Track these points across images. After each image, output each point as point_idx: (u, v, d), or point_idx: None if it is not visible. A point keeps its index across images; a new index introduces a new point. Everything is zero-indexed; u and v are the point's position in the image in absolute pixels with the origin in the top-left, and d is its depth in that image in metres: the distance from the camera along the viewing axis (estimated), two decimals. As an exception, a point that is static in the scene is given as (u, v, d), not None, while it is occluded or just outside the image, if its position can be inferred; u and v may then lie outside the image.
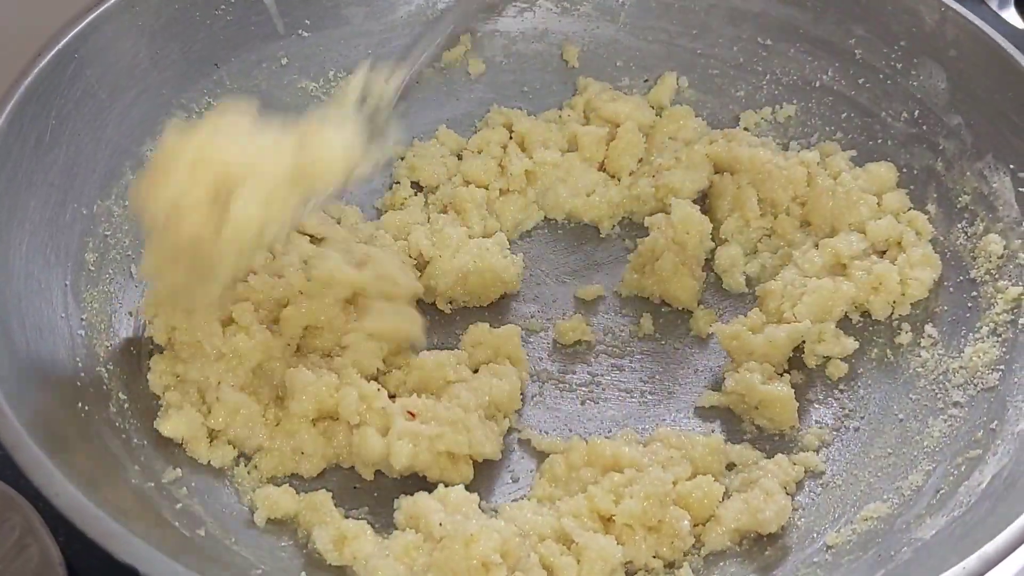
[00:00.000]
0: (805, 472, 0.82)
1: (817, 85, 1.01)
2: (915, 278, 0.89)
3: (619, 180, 1.02)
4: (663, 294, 0.94)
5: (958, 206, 0.91)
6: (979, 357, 0.82)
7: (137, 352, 0.84)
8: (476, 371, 0.86)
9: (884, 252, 0.93)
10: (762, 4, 1.02)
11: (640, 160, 1.02)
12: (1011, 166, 0.87)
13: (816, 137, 1.01)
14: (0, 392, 0.66)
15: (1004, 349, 0.82)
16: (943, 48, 0.92)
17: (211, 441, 0.80)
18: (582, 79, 1.07)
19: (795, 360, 0.89)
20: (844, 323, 0.91)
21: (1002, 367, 0.81)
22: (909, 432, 0.82)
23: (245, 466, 0.80)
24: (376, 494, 0.81)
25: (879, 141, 0.97)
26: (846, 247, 0.91)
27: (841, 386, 0.88)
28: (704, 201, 1.00)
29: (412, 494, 0.77)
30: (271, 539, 0.76)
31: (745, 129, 1.04)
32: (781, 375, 0.87)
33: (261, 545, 0.75)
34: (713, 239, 0.97)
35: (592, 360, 0.91)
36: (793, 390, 0.85)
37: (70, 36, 0.84)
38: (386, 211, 1.00)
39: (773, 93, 1.03)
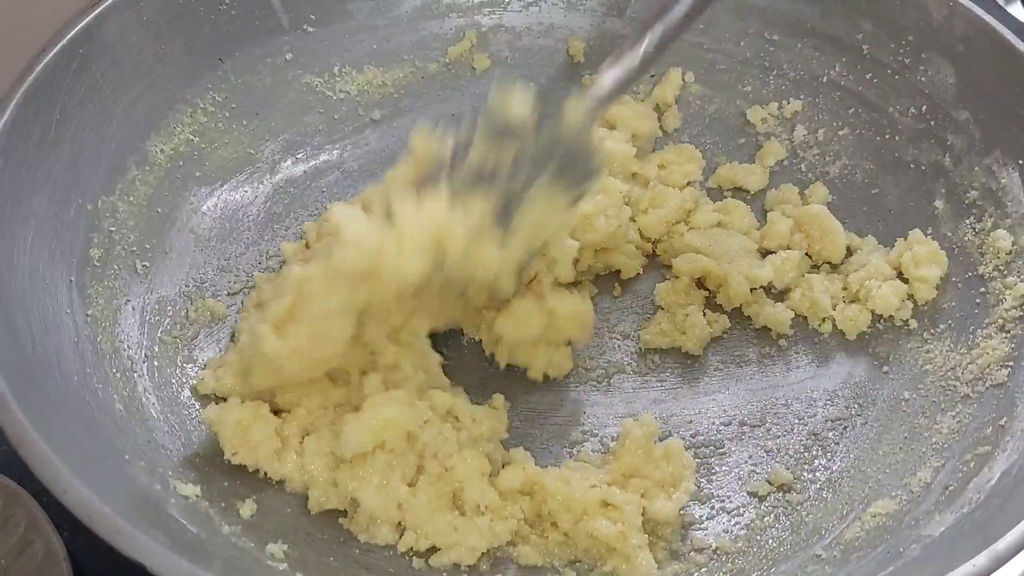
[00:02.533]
0: (813, 468, 0.82)
1: (824, 80, 1.01)
2: (920, 277, 0.89)
3: None
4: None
5: (966, 202, 0.90)
6: (988, 353, 0.82)
7: (143, 348, 0.84)
8: None
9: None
10: (769, -1, 1.02)
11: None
12: (1020, 161, 0.87)
13: (823, 133, 1.01)
14: (6, 388, 0.65)
15: (1013, 345, 0.82)
16: (951, 43, 0.92)
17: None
18: (587, 76, 1.06)
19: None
20: (851, 319, 0.91)
21: (1011, 363, 0.81)
22: (917, 428, 0.82)
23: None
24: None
25: (887, 137, 0.97)
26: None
27: (849, 381, 0.88)
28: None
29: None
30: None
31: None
32: None
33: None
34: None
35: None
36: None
37: (75, 31, 0.84)
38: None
39: (780, 88, 1.03)
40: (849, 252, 0.95)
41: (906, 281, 0.90)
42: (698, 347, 0.91)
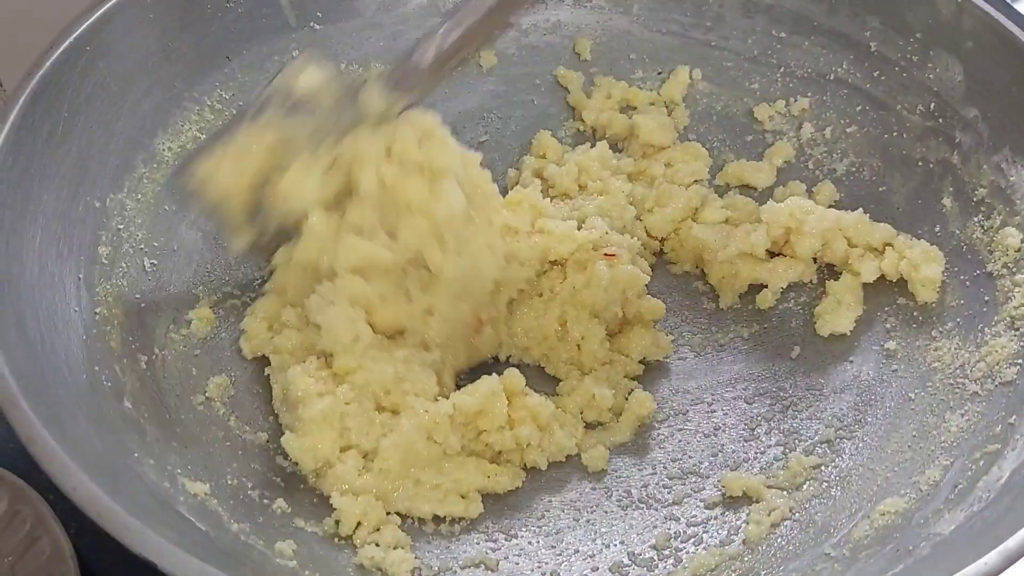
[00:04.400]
0: (822, 466, 0.82)
1: (832, 78, 1.01)
2: (922, 279, 0.88)
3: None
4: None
5: (975, 199, 0.90)
6: (997, 351, 0.82)
7: (152, 347, 0.84)
8: None
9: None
10: (776, -5, 1.01)
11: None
12: (1029, 159, 0.87)
13: (830, 130, 1.01)
14: (15, 385, 0.65)
15: (1022, 343, 0.81)
16: (960, 40, 0.92)
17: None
18: (596, 76, 1.06)
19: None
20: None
21: (1020, 361, 0.80)
22: (926, 427, 0.82)
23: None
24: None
25: (894, 134, 0.97)
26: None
27: (857, 379, 0.88)
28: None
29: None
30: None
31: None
32: None
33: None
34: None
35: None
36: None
37: (82, 29, 0.83)
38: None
39: (787, 86, 1.03)
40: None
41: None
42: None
